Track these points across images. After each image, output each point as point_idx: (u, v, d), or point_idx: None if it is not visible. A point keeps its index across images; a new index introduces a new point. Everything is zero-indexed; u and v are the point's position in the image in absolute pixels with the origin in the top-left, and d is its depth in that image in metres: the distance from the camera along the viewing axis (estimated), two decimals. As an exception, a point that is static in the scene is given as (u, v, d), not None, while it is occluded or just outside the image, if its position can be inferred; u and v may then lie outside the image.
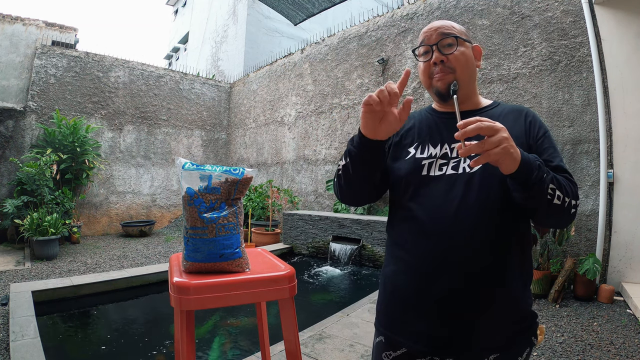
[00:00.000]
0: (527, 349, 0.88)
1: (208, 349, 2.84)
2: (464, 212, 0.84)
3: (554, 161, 0.88)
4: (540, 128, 0.93)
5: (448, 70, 0.92)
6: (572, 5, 4.10)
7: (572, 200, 0.81)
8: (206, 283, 0.96)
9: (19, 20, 7.17)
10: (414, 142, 0.98)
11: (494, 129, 0.70)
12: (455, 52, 0.93)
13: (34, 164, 5.73)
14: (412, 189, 0.92)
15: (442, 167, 0.91)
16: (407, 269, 0.91)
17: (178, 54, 17.90)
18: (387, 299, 0.97)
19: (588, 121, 3.98)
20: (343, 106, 6.79)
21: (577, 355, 2.40)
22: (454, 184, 0.87)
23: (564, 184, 0.81)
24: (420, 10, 5.68)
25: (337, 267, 5.08)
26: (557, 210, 0.79)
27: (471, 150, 0.70)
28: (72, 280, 3.82)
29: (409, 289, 0.90)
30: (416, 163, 0.94)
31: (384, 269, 1.00)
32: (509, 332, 0.85)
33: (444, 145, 0.93)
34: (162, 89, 8.48)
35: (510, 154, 0.71)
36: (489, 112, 0.97)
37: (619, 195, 3.71)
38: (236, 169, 1.04)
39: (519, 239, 0.88)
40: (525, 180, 0.75)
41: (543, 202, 0.77)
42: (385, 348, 0.94)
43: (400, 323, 0.92)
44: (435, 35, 0.94)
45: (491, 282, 0.84)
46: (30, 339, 2.42)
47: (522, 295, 0.88)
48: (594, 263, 3.32)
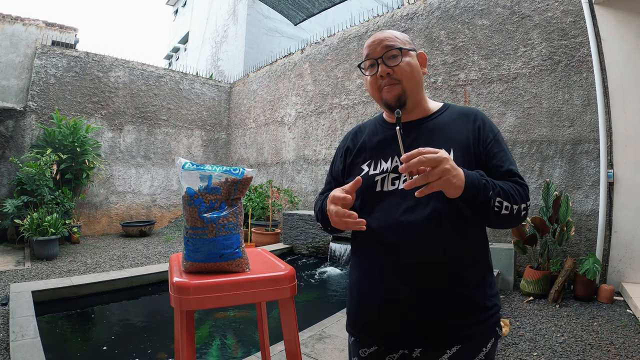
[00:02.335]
0: (492, 339, 0.92)
1: (208, 349, 2.84)
2: (416, 222, 0.89)
3: (504, 166, 0.91)
4: (489, 132, 0.95)
5: (394, 81, 0.95)
6: (572, 5, 4.10)
7: (521, 205, 0.86)
8: (206, 283, 0.96)
9: (19, 20, 7.17)
10: (366, 159, 1.02)
11: (435, 161, 0.73)
12: (400, 63, 0.95)
13: (34, 164, 5.73)
14: (369, 205, 0.97)
15: (394, 181, 0.95)
16: (368, 275, 0.97)
17: (178, 54, 17.91)
18: (353, 303, 1.02)
19: (588, 121, 3.98)
20: (343, 106, 6.79)
21: (577, 355, 2.40)
22: (405, 197, 0.91)
23: (511, 193, 0.85)
24: (420, 10, 5.68)
25: (337, 267, 5.08)
26: (506, 218, 0.85)
27: (415, 183, 0.75)
28: (72, 280, 3.82)
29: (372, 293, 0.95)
30: (370, 180, 0.97)
31: (350, 275, 1.07)
32: (471, 324, 0.89)
33: (394, 159, 0.97)
34: (162, 89, 8.48)
35: (452, 184, 0.76)
36: (436, 120, 1.00)
37: (619, 195, 3.71)
38: (236, 169, 1.04)
39: (471, 239, 0.92)
40: (471, 201, 0.81)
41: (491, 215, 0.83)
42: (360, 346, 1.00)
43: (367, 324, 0.97)
44: (379, 48, 0.96)
45: (446, 282, 0.88)
46: (30, 339, 2.42)
47: (480, 289, 0.92)
48: (594, 263, 3.32)
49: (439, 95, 5.36)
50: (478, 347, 0.89)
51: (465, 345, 0.88)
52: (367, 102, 6.39)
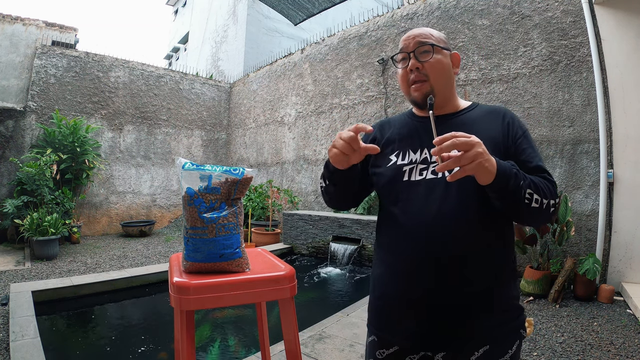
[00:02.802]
0: (517, 341, 0.91)
1: (208, 349, 2.84)
2: (444, 214, 0.88)
3: (533, 161, 0.91)
4: (518, 129, 0.96)
5: (423, 77, 0.96)
6: (572, 5, 4.10)
7: (550, 200, 0.84)
8: (206, 283, 0.96)
9: (19, 20, 7.17)
10: (394, 149, 1.02)
11: (469, 144, 0.72)
12: (430, 59, 0.96)
13: (34, 164, 5.73)
14: (395, 195, 0.96)
15: (422, 171, 0.94)
16: (393, 271, 0.95)
17: (178, 54, 17.90)
18: (376, 300, 1.01)
19: (588, 121, 3.98)
20: (343, 106, 6.79)
21: (577, 355, 2.40)
22: (434, 188, 0.90)
23: (541, 187, 0.83)
24: (420, 10, 5.68)
25: (337, 267, 5.08)
26: (536, 212, 0.83)
27: (448, 166, 0.73)
28: (72, 280, 3.82)
29: (396, 290, 0.94)
30: (397, 170, 0.97)
31: (373, 272, 1.05)
32: (497, 326, 0.88)
33: (423, 150, 0.96)
34: (162, 89, 8.48)
35: (485, 168, 0.74)
36: (466, 115, 1.00)
37: (619, 195, 3.71)
38: (236, 169, 1.04)
39: (499, 236, 0.92)
40: (502, 190, 0.79)
41: (521, 207, 0.81)
42: (379, 346, 0.98)
43: (390, 323, 0.96)
44: (412, 43, 0.97)
45: (474, 280, 0.87)
46: (30, 339, 2.42)
47: (506, 290, 0.91)
48: (594, 263, 3.32)
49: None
50: (504, 349, 0.89)
51: (492, 347, 0.87)
52: (367, 102, 6.39)
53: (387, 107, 6.06)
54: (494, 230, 0.90)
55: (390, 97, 6.05)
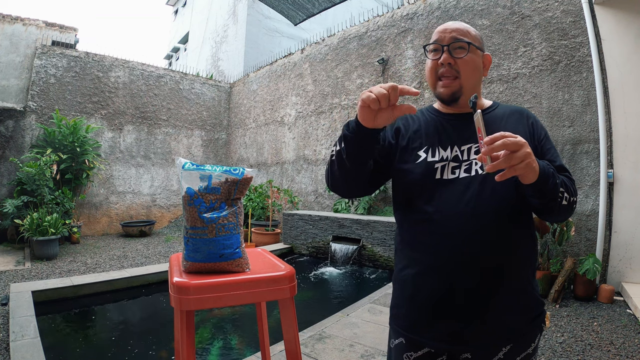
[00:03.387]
0: (538, 334, 0.94)
1: (208, 349, 2.84)
2: (481, 212, 0.88)
3: (557, 161, 0.94)
4: (541, 129, 0.99)
5: (454, 73, 0.94)
6: (572, 5, 4.10)
7: (574, 198, 0.89)
8: (206, 283, 0.96)
9: (19, 20, 7.17)
10: (422, 145, 0.99)
11: (518, 145, 0.72)
12: (465, 57, 0.94)
13: (34, 164, 5.73)
14: (427, 193, 0.93)
15: (454, 170, 0.93)
16: (426, 271, 0.93)
17: (178, 54, 17.90)
18: (406, 301, 0.97)
19: (588, 121, 3.98)
20: (343, 106, 6.79)
21: (577, 355, 2.39)
22: (469, 186, 0.90)
23: (569, 185, 0.87)
24: (420, 10, 5.68)
25: (337, 267, 5.08)
26: (565, 209, 0.87)
27: (499, 165, 0.72)
28: (72, 280, 3.82)
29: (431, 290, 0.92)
30: (429, 167, 0.95)
31: (400, 272, 1.00)
32: (523, 322, 0.91)
33: (453, 148, 0.95)
34: (162, 89, 8.48)
35: (532, 168, 0.75)
36: (491, 114, 1.00)
37: (619, 195, 3.71)
38: (236, 169, 1.04)
39: (529, 234, 0.94)
40: (543, 188, 0.81)
41: (556, 204, 0.84)
42: (407, 349, 0.96)
43: (422, 324, 0.94)
44: (449, 37, 0.95)
45: (508, 277, 0.89)
46: (30, 339, 2.42)
47: (532, 286, 0.94)
48: (594, 263, 3.32)
49: (439, 95, 5.35)
50: (528, 342, 0.91)
51: (518, 342, 0.90)
52: (367, 102, 6.38)
53: (387, 107, 6.06)
54: (525, 228, 0.92)
55: (390, 97, 6.03)
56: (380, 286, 3.97)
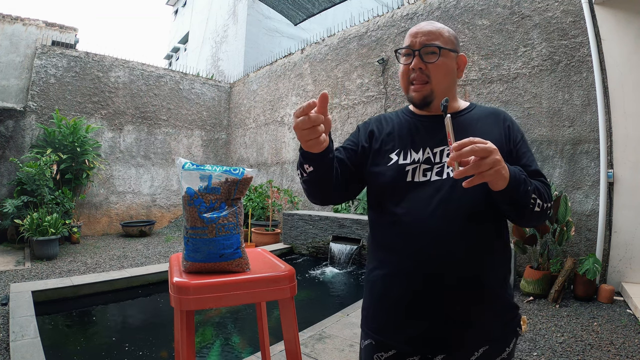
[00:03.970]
0: (513, 339, 0.93)
1: (208, 349, 2.84)
2: (450, 215, 0.87)
3: (532, 165, 0.93)
4: (518, 132, 0.97)
5: (425, 78, 0.94)
6: (572, 5, 4.10)
7: (548, 204, 0.87)
8: (206, 283, 0.96)
9: (19, 20, 7.17)
10: (395, 147, 0.99)
11: (487, 151, 0.71)
12: (436, 62, 0.93)
13: (34, 164, 5.73)
14: (398, 195, 0.93)
15: (425, 172, 0.92)
16: (395, 273, 0.93)
17: (178, 54, 17.90)
18: (374, 303, 0.98)
19: (588, 121, 3.98)
20: (343, 106, 6.79)
21: (577, 355, 2.40)
22: (439, 189, 0.89)
23: (542, 191, 0.86)
24: (420, 10, 5.68)
25: (337, 267, 5.08)
26: (537, 215, 0.85)
27: (467, 172, 0.71)
28: (72, 280, 3.82)
29: (399, 291, 0.92)
30: (400, 169, 0.95)
31: (370, 273, 1.01)
32: (496, 326, 0.90)
33: (425, 150, 0.95)
34: (162, 89, 8.48)
35: (502, 175, 0.74)
36: (466, 116, 0.99)
37: (619, 195, 3.71)
38: (236, 169, 1.04)
39: (500, 236, 0.93)
40: (513, 195, 0.79)
41: (526, 211, 0.83)
42: (376, 350, 0.96)
43: (389, 326, 0.94)
44: (419, 41, 0.94)
45: (477, 281, 0.88)
46: (30, 339, 2.42)
47: (504, 290, 0.93)
48: (594, 263, 3.32)
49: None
50: (502, 347, 0.90)
51: (491, 347, 0.89)
52: (367, 102, 6.39)
53: (387, 107, 6.06)
54: (496, 231, 0.91)
55: (390, 97, 6.04)
56: (380, 286, 3.97)
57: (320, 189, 0.94)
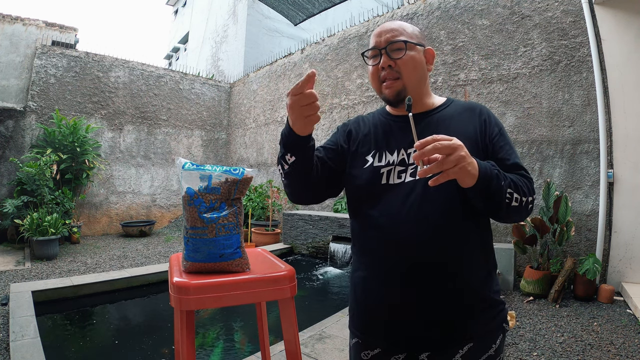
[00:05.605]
0: (500, 335, 0.92)
1: (208, 348, 2.84)
2: (424, 216, 0.87)
3: (510, 159, 0.90)
4: (495, 126, 0.95)
5: (395, 74, 0.93)
6: (572, 5, 4.10)
7: (528, 198, 0.85)
8: (206, 283, 0.96)
9: (19, 20, 7.17)
10: (370, 149, 0.99)
11: (451, 148, 0.70)
12: (403, 57, 0.93)
13: (34, 164, 5.73)
14: (374, 198, 0.94)
15: (400, 174, 0.92)
16: (374, 275, 0.94)
17: (178, 54, 17.90)
18: (358, 303, 0.99)
19: (588, 121, 3.98)
20: (343, 106, 6.79)
21: (577, 355, 2.40)
22: (413, 189, 0.89)
23: (520, 185, 0.84)
24: (420, 10, 5.68)
25: (337, 267, 5.08)
26: (515, 210, 0.83)
27: (430, 170, 0.71)
28: (72, 280, 3.82)
29: (377, 293, 0.93)
30: (375, 172, 0.95)
31: (353, 274, 1.02)
32: (480, 322, 0.89)
33: (400, 151, 0.95)
34: (162, 89, 8.48)
35: (467, 171, 0.73)
36: (441, 113, 0.99)
37: (619, 195, 3.71)
38: (236, 169, 1.04)
39: (478, 233, 0.92)
40: (484, 192, 0.78)
41: (502, 206, 0.81)
42: (363, 348, 0.97)
43: (372, 326, 0.95)
44: (384, 39, 0.94)
45: (457, 278, 0.87)
46: (30, 339, 2.42)
47: (487, 286, 0.91)
48: (594, 263, 3.32)
49: (439, 95, 5.35)
50: (488, 343, 0.90)
51: (476, 343, 0.88)
52: (367, 102, 6.39)
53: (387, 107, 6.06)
54: (473, 230, 0.90)
55: (390, 97, 6.04)
56: (380, 286, 3.97)
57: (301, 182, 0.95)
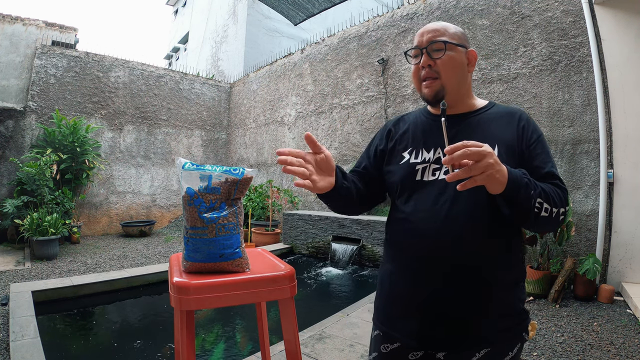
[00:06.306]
0: (518, 344, 0.92)
1: (208, 348, 2.84)
2: (455, 215, 0.88)
3: (545, 167, 0.90)
4: (533, 133, 0.94)
5: (434, 74, 0.95)
6: (572, 5, 4.10)
7: (560, 209, 0.83)
8: (206, 283, 0.96)
9: (19, 20, 7.17)
10: (407, 146, 1.02)
11: (480, 155, 0.71)
12: (442, 57, 0.94)
13: (34, 164, 5.73)
14: (407, 194, 0.97)
15: (435, 172, 0.94)
16: (400, 269, 0.96)
17: (178, 54, 17.90)
18: (383, 296, 1.02)
19: (588, 121, 3.98)
20: (343, 106, 6.79)
21: (577, 355, 2.40)
22: (446, 188, 0.90)
23: (551, 195, 0.82)
24: (420, 10, 5.68)
25: (337, 267, 5.08)
26: (545, 221, 0.82)
27: (458, 176, 0.72)
28: (72, 280, 3.82)
29: (402, 288, 0.95)
30: (410, 168, 0.97)
31: (381, 267, 1.06)
32: (500, 328, 0.89)
33: (437, 150, 0.96)
34: (162, 89, 8.48)
35: (495, 179, 0.73)
36: (481, 116, 0.99)
37: (619, 195, 3.71)
38: (236, 169, 1.04)
39: (507, 239, 0.91)
40: (512, 200, 0.78)
41: (530, 216, 0.80)
42: (383, 341, 1.00)
43: (395, 320, 0.97)
44: (426, 39, 0.96)
45: (481, 282, 0.87)
46: (30, 339, 2.42)
47: (512, 293, 0.91)
48: (594, 263, 3.32)
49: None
50: (505, 351, 0.89)
51: (493, 349, 0.88)
52: (367, 102, 6.39)
53: (387, 107, 6.06)
54: (501, 235, 0.90)
55: (390, 97, 6.04)
56: (380, 286, 3.96)
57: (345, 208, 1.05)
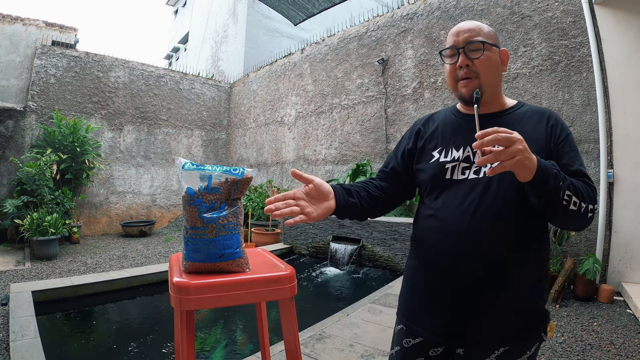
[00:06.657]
0: (537, 343, 0.92)
1: (208, 348, 2.84)
2: (482, 214, 0.89)
3: (574, 165, 0.90)
4: (562, 132, 0.95)
5: (473, 74, 0.95)
6: (572, 5, 4.10)
7: (589, 205, 0.83)
8: (206, 283, 0.96)
9: (19, 20, 7.17)
10: (437, 145, 1.03)
11: (510, 140, 0.72)
12: (481, 57, 0.95)
13: (34, 164, 5.73)
14: (436, 192, 0.99)
15: (464, 170, 0.95)
16: (427, 265, 0.98)
17: (178, 54, 17.90)
18: (408, 291, 1.05)
19: (588, 121, 3.98)
20: (343, 106, 6.79)
21: (577, 355, 2.39)
22: (474, 187, 0.92)
23: (581, 190, 0.82)
24: (420, 10, 5.68)
25: (337, 267, 5.08)
26: (574, 215, 0.82)
27: (487, 160, 0.73)
28: (72, 280, 3.82)
29: (428, 284, 0.97)
30: (440, 167, 0.99)
31: (407, 262, 1.08)
32: (519, 327, 0.90)
33: (466, 149, 0.97)
34: (162, 89, 8.48)
35: (524, 165, 0.73)
36: (512, 115, 1.00)
37: (619, 195, 3.71)
38: (236, 169, 1.04)
39: (535, 237, 0.92)
40: (541, 188, 0.78)
41: (559, 208, 0.80)
42: (406, 335, 1.02)
43: (418, 315, 1.00)
44: (462, 39, 0.96)
45: (506, 280, 0.88)
46: (30, 339, 2.42)
47: (535, 291, 0.92)
48: (594, 263, 3.32)
49: (439, 95, 5.36)
50: (523, 349, 0.90)
51: (512, 347, 0.89)
52: (367, 102, 6.39)
53: (387, 107, 6.06)
54: (530, 234, 0.90)
55: (390, 97, 6.04)
56: (380, 286, 3.97)
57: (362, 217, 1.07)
